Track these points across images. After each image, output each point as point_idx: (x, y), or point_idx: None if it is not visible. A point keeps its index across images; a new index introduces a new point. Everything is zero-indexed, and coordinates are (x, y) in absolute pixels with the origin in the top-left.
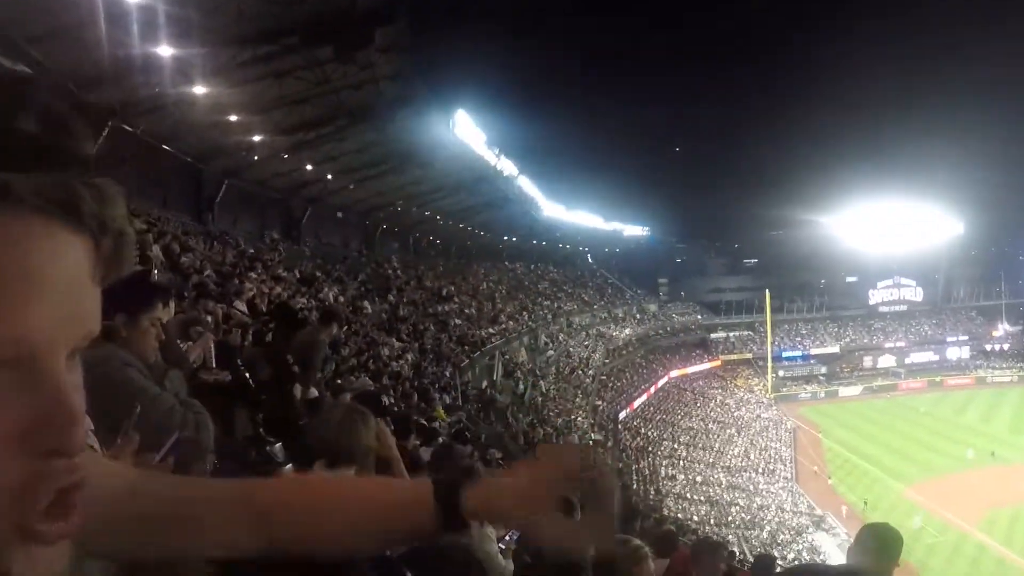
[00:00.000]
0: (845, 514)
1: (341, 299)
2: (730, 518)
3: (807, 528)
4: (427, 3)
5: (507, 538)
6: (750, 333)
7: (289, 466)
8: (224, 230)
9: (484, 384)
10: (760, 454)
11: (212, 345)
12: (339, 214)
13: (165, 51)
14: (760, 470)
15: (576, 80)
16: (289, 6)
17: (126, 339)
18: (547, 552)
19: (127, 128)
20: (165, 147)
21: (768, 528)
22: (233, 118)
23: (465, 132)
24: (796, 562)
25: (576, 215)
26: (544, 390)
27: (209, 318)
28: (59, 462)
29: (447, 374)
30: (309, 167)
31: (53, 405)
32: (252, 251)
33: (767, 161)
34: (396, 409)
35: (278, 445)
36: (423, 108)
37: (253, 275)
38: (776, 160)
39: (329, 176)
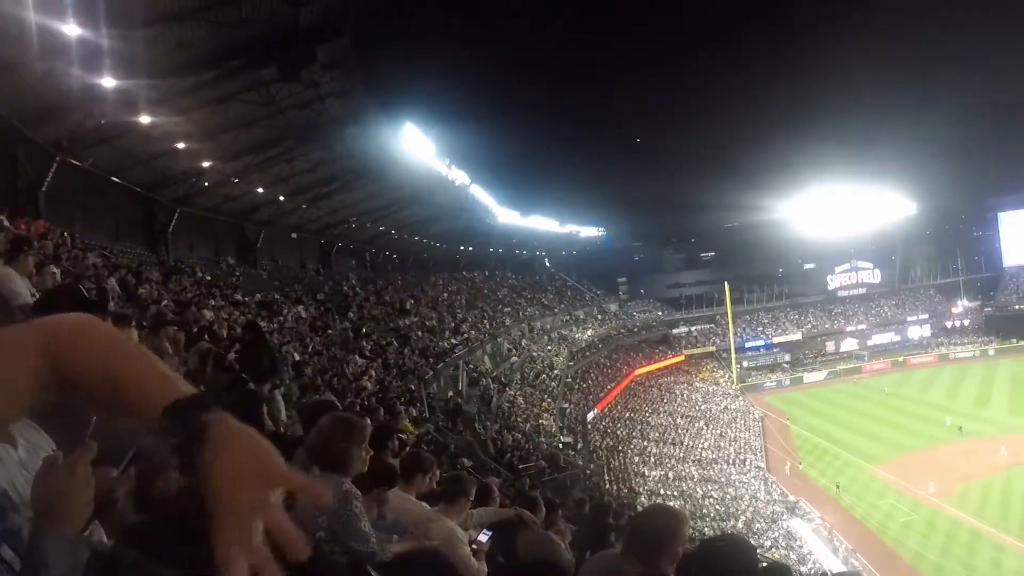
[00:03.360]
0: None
1: (303, 316)
2: (705, 510)
3: (781, 515)
4: (368, 19)
5: (480, 539)
6: (712, 326)
7: None
8: (179, 258)
9: (450, 394)
10: (730, 445)
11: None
12: (294, 235)
13: (108, 82)
14: (731, 461)
15: (522, 83)
16: (231, 29)
17: None
18: (521, 552)
19: (74, 162)
20: (114, 179)
21: (743, 518)
22: (181, 145)
23: (415, 145)
24: (773, 549)
25: (531, 220)
26: (511, 396)
27: (169, 344)
28: None
29: (412, 387)
30: (260, 190)
31: None
32: (209, 278)
33: (720, 152)
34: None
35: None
36: (371, 123)
37: (212, 302)
38: (729, 151)
39: (281, 197)
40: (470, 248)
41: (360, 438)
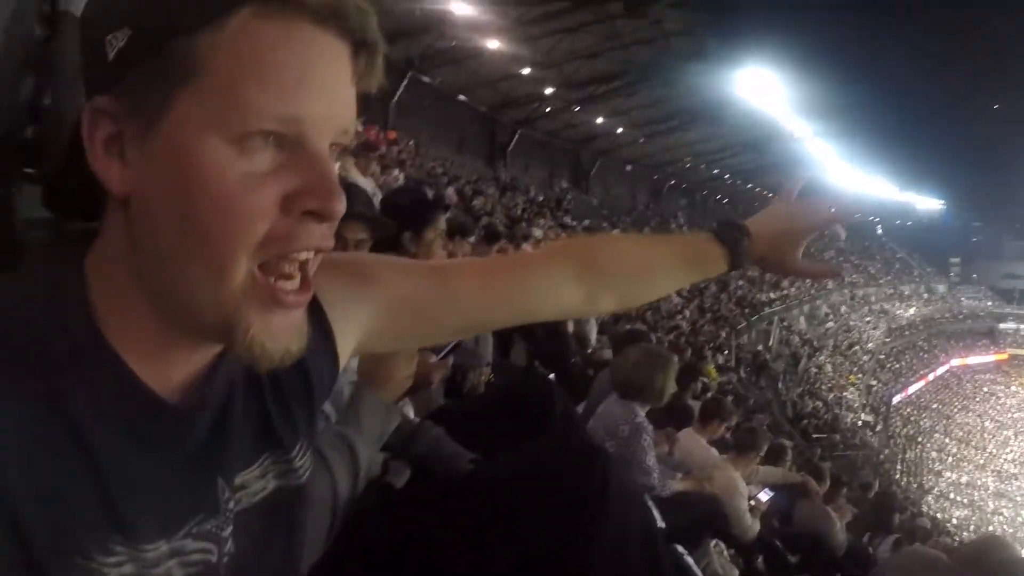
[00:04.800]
0: None
1: None
2: (991, 527)
3: None
4: None
5: (760, 497)
6: None
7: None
8: (515, 176)
9: (759, 348)
10: None
11: None
12: (628, 167)
13: (460, 8)
14: None
15: (877, 33)
16: None
17: (414, 254)
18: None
19: (424, 79)
20: (460, 97)
21: None
22: (526, 71)
23: (756, 90)
24: None
25: (869, 182)
26: (820, 362)
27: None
28: (314, 225)
29: (723, 334)
30: (599, 120)
31: (316, 176)
32: (542, 198)
33: None
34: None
35: (551, 376)
36: (713, 65)
37: (542, 221)
38: None
39: (619, 130)
40: None
41: (666, 373)
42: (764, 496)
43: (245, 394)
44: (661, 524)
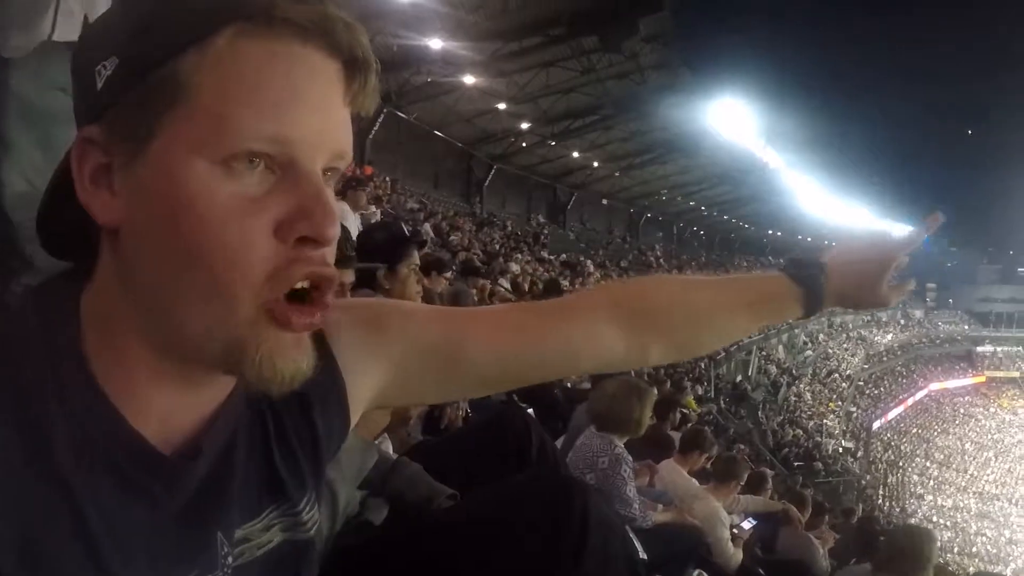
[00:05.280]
0: None
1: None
2: (974, 549)
3: None
4: None
5: (743, 526)
6: (1020, 349)
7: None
8: (492, 212)
9: (739, 378)
10: (1017, 483)
11: None
12: (604, 201)
13: (435, 44)
14: (1015, 501)
15: (849, 63)
16: None
17: (389, 290)
18: (779, 548)
19: (400, 115)
20: (436, 132)
21: (1013, 565)
22: (502, 106)
23: (731, 123)
24: None
25: (845, 211)
26: (799, 391)
27: (475, 292)
28: (311, 251)
29: (702, 365)
30: (576, 154)
31: (309, 199)
32: (519, 233)
33: None
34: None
35: (529, 410)
36: (688, 97)
37: (519, 255)
38: None
39: (595, 163)
40: (778, 233)
41: (644, 404)
42: (746, 525)
43: (249, 444)
44: (643, 555)
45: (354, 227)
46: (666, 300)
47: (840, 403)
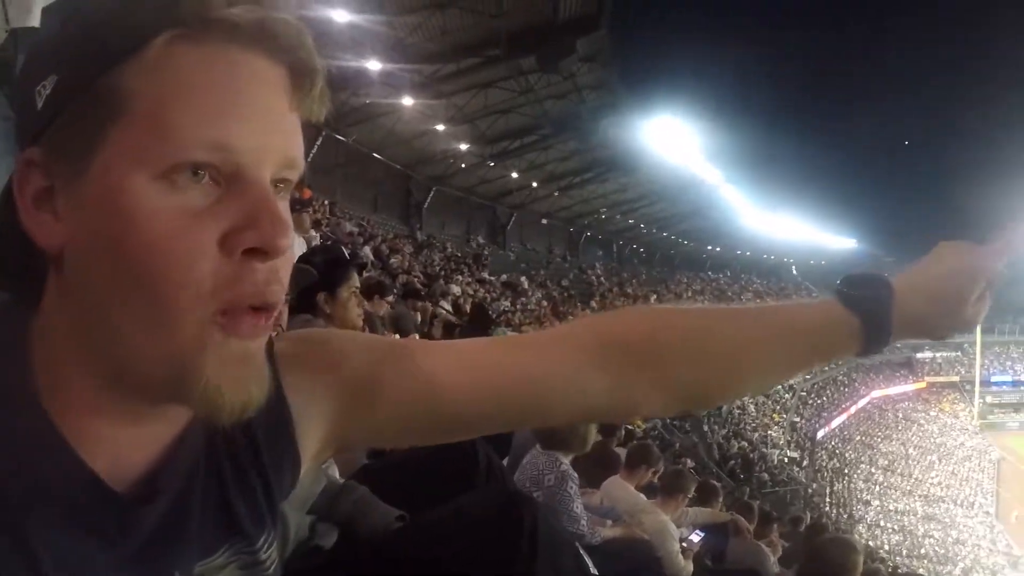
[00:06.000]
0: None
1: (544, 304)
2: (923, 550)
3: (1002, 569)
4: (628, 12)
5: (692, 539)
6: (958, 354)
7: None
8: (431, 234)
9: None
10: (961, 485)
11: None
12: (544, 220)
13: (374, 66)
14: (959, 502)
15: (783, 77)
16: (492, 18)
17: (330, 315)
18: (729, 558)
19: (339, 137)
20: (375, 155)
21: (962, 565)
22: (440, 128)
23: (668, 140)
24: None
25: (782, 225)
26: (743, 403)
27: (416, 315)
28: (259, 265)
29: None
30: (515, 175)
31: (256, 209)
32: (459, 255)
33: (993, 165)
34: None
35: None
36: (626, 116)
37: (459, 277)
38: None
39: (534, 184)
40: (717, 248)
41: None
42: (695, 537)
43: (206, 481)
44: (594, 572)
45: (299, 250)
46: (662, 334)
47: (784, 414)
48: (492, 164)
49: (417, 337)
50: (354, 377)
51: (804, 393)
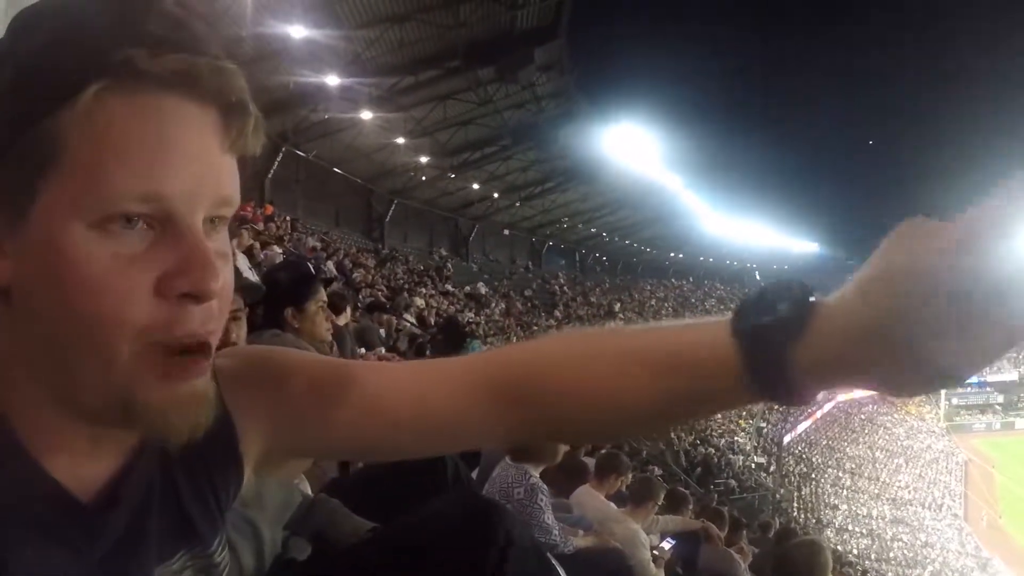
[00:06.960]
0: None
1: (509, 315)
2: (892, 554)
3: (971, 571)
4: (586, 21)
5: (663, 547)
6: None
7: None
8: (394, 247)
9: None
10: (929, 487)
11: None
12: (506, 231)
13: (332, 80)
14: (927, 505)
15: (742, 80)
16: (450, 30)
17: (298, 329)
18: (700, 565)
19: (299, 153)
20: (336, 169)
21: (931, 568)
22: (400, 140)
23: (628, 148)
24: None
25: (745, 230)
26: None
27: (381, 328)
28: (193, 307)
29: None
30: (476, 186)
31: (189, 253)
32: (422, 267)
33: (952, 165)
34: None
35: None
36: (586, 125)
37: (423, 290)
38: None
39: (496, 195)
40: (680, 255)
41: None
42: (666, 545)
43: (163, 488)
44: None
45: (242, 266)
46: (539, 367)
47: (750, 420)
48: (453, 176)
49: (383, 350)
50: (293, 395)
51: None
